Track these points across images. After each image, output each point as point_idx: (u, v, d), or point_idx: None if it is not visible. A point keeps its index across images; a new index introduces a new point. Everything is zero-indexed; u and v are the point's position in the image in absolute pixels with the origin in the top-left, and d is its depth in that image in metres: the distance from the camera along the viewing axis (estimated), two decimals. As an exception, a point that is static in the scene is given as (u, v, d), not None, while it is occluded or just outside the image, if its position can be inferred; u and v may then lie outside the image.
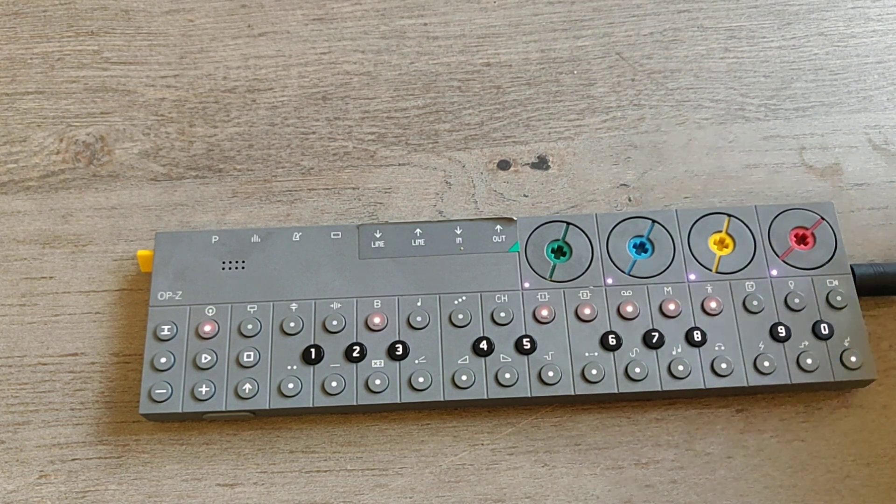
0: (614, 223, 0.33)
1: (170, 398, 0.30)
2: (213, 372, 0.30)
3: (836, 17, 0.39)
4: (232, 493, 0.30)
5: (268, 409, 0.30)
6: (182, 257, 0.32)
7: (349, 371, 0.31)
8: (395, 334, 0.31)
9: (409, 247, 0.32)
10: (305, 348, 0.31)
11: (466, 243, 0.33)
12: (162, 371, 0.30)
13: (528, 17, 0.40)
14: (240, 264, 0.32)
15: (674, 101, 0.37)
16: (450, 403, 0.31)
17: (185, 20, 0.40)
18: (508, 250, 0.32)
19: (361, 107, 0.38)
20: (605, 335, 0.31)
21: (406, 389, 0.30)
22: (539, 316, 0.31)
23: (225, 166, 0.36)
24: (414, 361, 0.31)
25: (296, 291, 0.32)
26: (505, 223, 0.33)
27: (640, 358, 0.31)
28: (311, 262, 0.32)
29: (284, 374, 0.30)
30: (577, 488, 0.30)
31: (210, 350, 0.31)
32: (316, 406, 0.30)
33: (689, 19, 0.39)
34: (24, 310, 0.33)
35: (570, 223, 0.33)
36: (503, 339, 0.31)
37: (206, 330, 0.31)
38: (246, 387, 0.30)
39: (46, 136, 0.37)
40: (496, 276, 0.32)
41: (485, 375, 0.30)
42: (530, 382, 0.30)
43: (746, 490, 0.30)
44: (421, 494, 0.30)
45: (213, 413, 0.30)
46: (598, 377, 0.30)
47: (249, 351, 0.31)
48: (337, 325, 0.31)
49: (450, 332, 0.31)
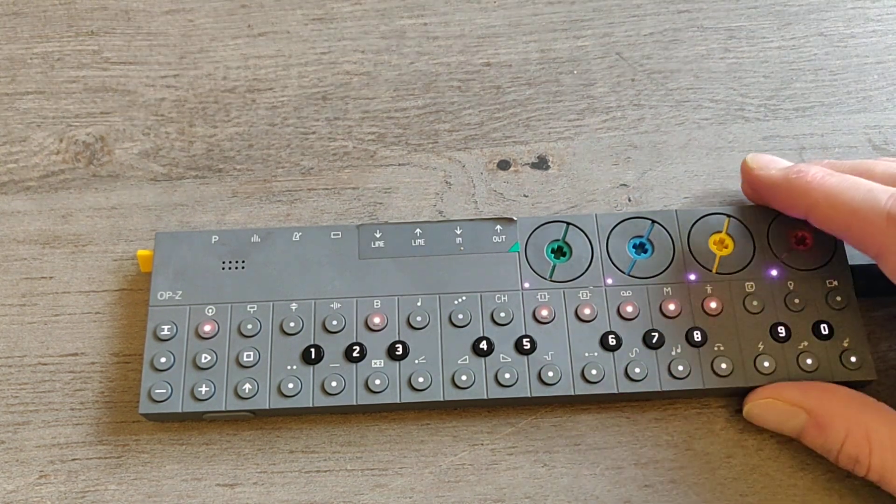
0: (614, 223, 0.33)
1: (170, 398, 0.30)
2: (213, 372, 0.30)
3: (835, 17, 0.39)
4: (232, 493, 0.30)
5: (268, 409, 0.30)
6: (182, 257, 0.32)
7: (349, 371, 0.31)
8: (395, 334, 0.31)
9: (409, 247, 0.32)
10: (305, 348, 0.31)
11: (466, 243, 0.33)
12: (162, 371, 0.30)
13: (528, 17, 0.40)
14: (240, 264, 0.32)
15: (673, 102, 0.37)
16: (450, 403, 0.31)
17: (185, 20, 0.40)
18: (508, 250, 0.32)
19: (361, 107, 0.38)
20: (605, 335, 0.31)
21: (406, 389, 0.30)
22: (539, 316, 0.31)
23: (225, 166, 0.36)
24: (414, 361, 0.31)
25: (296, 291, 0.32)
26: (505, 223, 0.33)
27: (639, 358, 0.31)
28: (311, 262, 0.32)
29: (284, 374, 0.30)
30: (577, 488, 0.30)
31: (210, 350, 0.31)
32: (316, 406, 0.30)
33: (688, 19, 0.39)
34: (24, 310, 0.33)
35: (570, 223, 0.33)
36: (503, 340, 0.31)
37: (205, 330, 0.31)
38: (246, 387, 0.30)
39: (46, 137, 0.37)
40: (496, 276, 0.32)
41: (484, 375, 0.30)
42: (530, 382, 0.30)
43: (746, 490, 0.30)
44: (421, 494, 0.30)
45: (213, 413, 0.30)
46: (598, 377, 0.30)
47: (249, 351, 0.31)
48: (337, 325, 0.31)
49: (450, 332, 0.31)
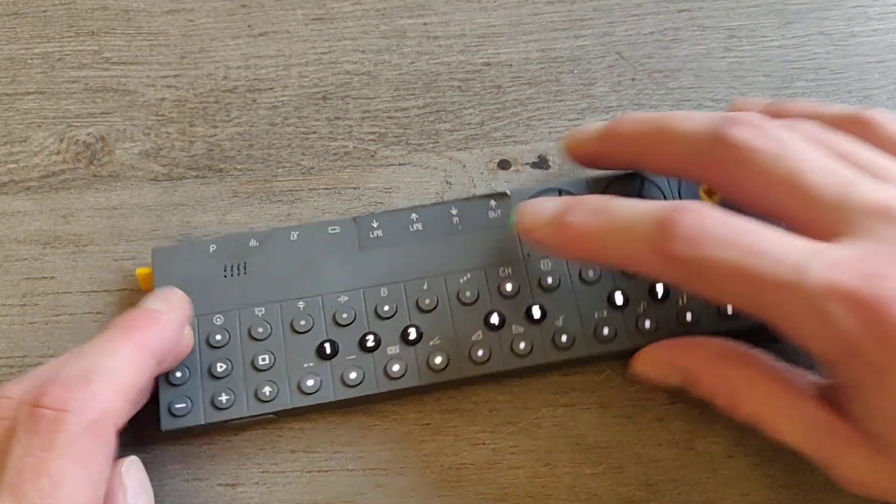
0: (605, 184, 0.33)
1: (191, 412, 0.30)
2: (231, 379, 0.30)
3: (836, 16, 0.39)
4: (234, 493, 0.30)
5: (291, 409, 0.30)
6: (182, 270, 0.32)
7: (366, 361, 0.31)
8: (406, 319, 0.31)
9: (407, 233, 0.33)
10: (319, 344, 0.31)
11: (464, 222, 0.33)
12: (179, 385, 0.30)
13: (528, 16, 0.40)
14: (241, 270, 0.32)
15: (674, 101, 0.37)
16: (472, 380, 0.31)
17: (185, 20, 0.40)
18: (506, 224, 0.32)
19: (362, 106, 0.38)
20: (611, 293, 0.31)
21: (426, 371, 0.30)
22: (545, 284, 0.31)
23: (225, 166, 0.36)
24: (428, 343, 0.31)
25: (301, 290, 0.32)
26: (499, 198, 0.33)
27: (647, 312, 0.31)
28: (313, 259, 0.32)
29: (302, 372, 0.30)
30: (579, 487, 0.30)
31: (224, 358, 0.31)
32: (338, 399, 0.30)
33: (689, 18, 0.39)
34: (25, 310, 0.33)
35: (563, 189, 0.33)
36: (513, 311, 0.31)
37: (217, 339, 0.31)
38: (266, 389, 0.30)
39: (47, 137, 0.37)
40: (498, 250, 0.32)
41: (500, 348, 0.31)
42: (546, 349, 0.31)
43: (748, 489, 0.30)
44: (422, 494, 0.30)
45: (237, 420, 0.30)
46: (611, 335, 0.31)
47: (264, 354, 0.31)
48: (347, 318, 0.31)
49: (459, 310, 0.31)
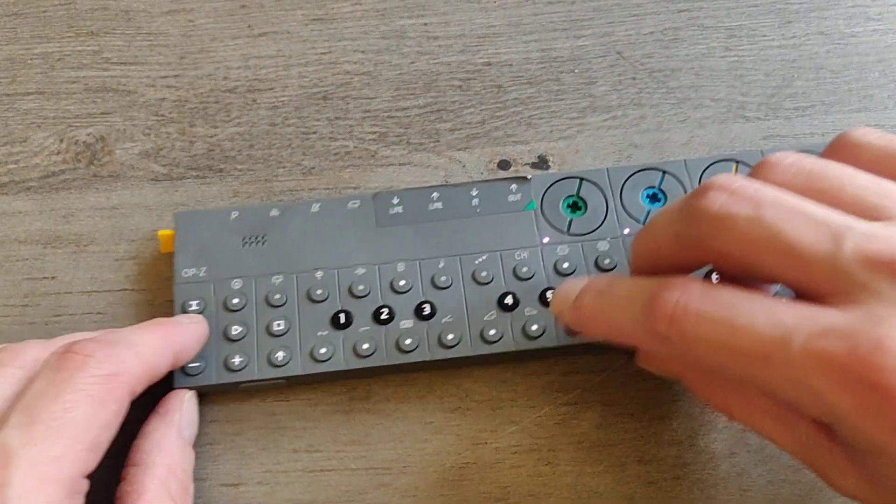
0: (626, 176, 0.33)
1: (204, 371, 0.30)
2: (245, 343, 0.31)
3: (836, 15, 0.39)
4: (236, 493, 0.30)
5: (302, 376, 0.30)
6: (203, 235, 0.33)
7: (379, 333, 0.31)
8: (420, 295, 0.31)
9: (426, 211, 0.33)
10: (334, 314, 0.31)
11: (483, 204, 0.33)
12: None
13: (528, 16, 0.40)
14: (261, 239, 0.32)
15: (675, 100, 0.37)
16: (481, 358, 0.31)
17: (185, 20, 0.40)
18: (525, 209, 0.33)
19: (362, 106, 0.38)
20: None
21: (436, 347, 0.31)
22: (560, 268, 0.32)
23: (226, 166, 0.36)
24: (441, 320, 0.31)
25: (319, 261, 0.32)
26: (520, 182, 0.33)
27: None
28: (331, 233, 0.33)
29: (316, 340, 0.31)
30: (581, 486, 0.30)
31: (240, 322, 0.31)
32: (350, 369, 0.30)
33: (689, 18, 0.39)
34: (26, 310, 0.33)
35: (584, 178, 0.33)
36: (527, 294, 0.31)
37: (234, 302, 0.31)
38: (279, 354, 0.30)
39: (47, 137, 0.37)
40: (515, 233, 0.32)
41: (511, 329, 0.31)
42: (558, 332, 0.31)
43: (749, 486, 0.30)
44: (424, 493, 0.30)
45: (248, 382, 0.30)
46: None
47: (279, 320, 0.31)
48: (363, 290, 0.31)
49: (474, 289, 0.32)
